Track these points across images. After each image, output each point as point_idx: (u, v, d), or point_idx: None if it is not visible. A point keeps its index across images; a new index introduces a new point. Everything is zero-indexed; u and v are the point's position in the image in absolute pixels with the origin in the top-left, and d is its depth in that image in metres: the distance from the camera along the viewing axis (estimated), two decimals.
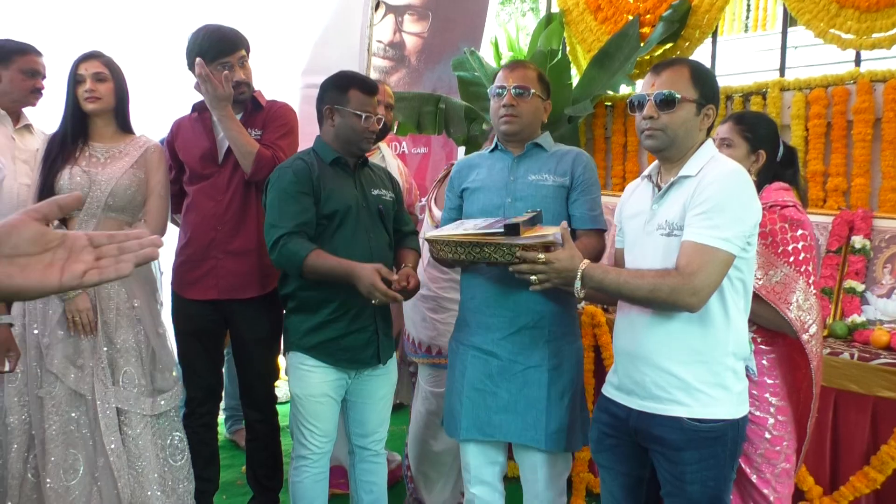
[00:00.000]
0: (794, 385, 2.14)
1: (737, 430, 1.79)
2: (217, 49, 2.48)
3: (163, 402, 2.45)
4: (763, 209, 2.04)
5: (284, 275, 2.38)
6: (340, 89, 2.34)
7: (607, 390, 1.96)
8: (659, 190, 1.86)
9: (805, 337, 2.01)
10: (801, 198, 2.22)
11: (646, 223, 1.86)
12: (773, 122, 2.30)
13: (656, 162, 1.93)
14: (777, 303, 2.00)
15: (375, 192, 2.42)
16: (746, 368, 2.02)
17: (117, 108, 2.46)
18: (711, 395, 1.76)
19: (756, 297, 1.97)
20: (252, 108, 2.64)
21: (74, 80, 2.39)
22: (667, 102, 1.78)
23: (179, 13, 3.51)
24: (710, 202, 1.70)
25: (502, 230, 1.84)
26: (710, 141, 1.87)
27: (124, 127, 2.50)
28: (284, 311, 2.43)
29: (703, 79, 1.82)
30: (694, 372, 1.76)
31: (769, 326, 2.06)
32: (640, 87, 1.89)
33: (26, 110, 2.63)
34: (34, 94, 2.61)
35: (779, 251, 2.04)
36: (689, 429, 1.74)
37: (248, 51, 2.58)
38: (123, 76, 2.47)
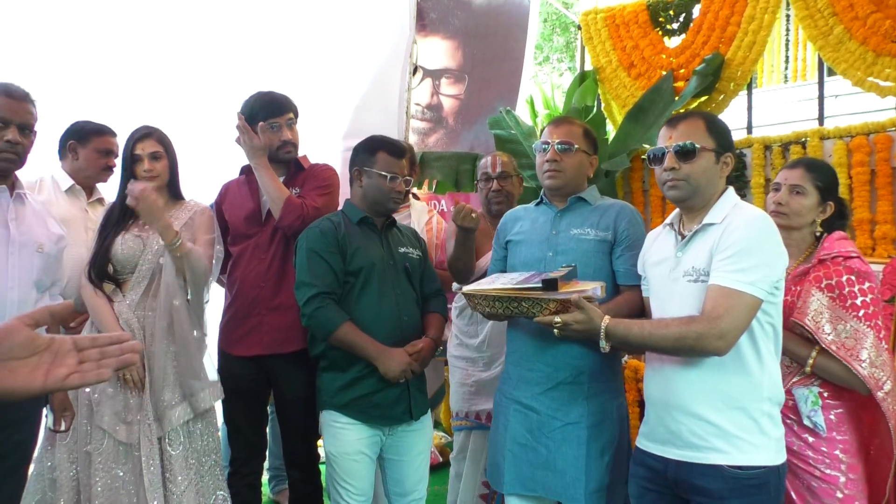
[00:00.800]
0: (861, 442, 2.05)
1: (778, 478, 1.74)
2: (267, 110, 2.61)
3: (201, 402, 2.45)
4: (826, 260, 2.01)
5: (314, 335, 2.42)
6: (369, 152, 2.42)
7: (641, 442, 1.92)
8: (682, 238, 1.86)
9: (880, 395, 1.92)
10: None
11: (671, 270, 1.86)
12: (836, 174, 2.25)
13: (677, 210, 1.94)
14: (848, 359, 1.92)
15: (402, 249, 2.47)
16: (815, 425, 1.96)
17: (170, 181, 2.59)
18: (751, 441, 1.71)
19: (825, 352, 1.93)
20: (295, 170, 2.74)
21: (132, 158, 2.52)
22: (686, 153, 1.81)
23: (230, 80, 3.69)
24: (736, 246, 1.70)
25: (540, 285, 1.85)
26: (731, 189, 1.88)
27: (176, 195, 2.63)
28: (318, 371, 2.47)
29: (717, 129, 1.85)
30: (731, 418, 1.72)
31: (839, 383, 1.98)
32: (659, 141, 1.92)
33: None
34: (106, 171, 2.80)
35: (847, 305, 1.97)
36: (731, 477, 1.69)
37: (296, 115, 2.71)
38: (174, 150, 2.62)
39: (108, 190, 2.85)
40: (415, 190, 3.35)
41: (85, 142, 2.72)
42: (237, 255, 2.69)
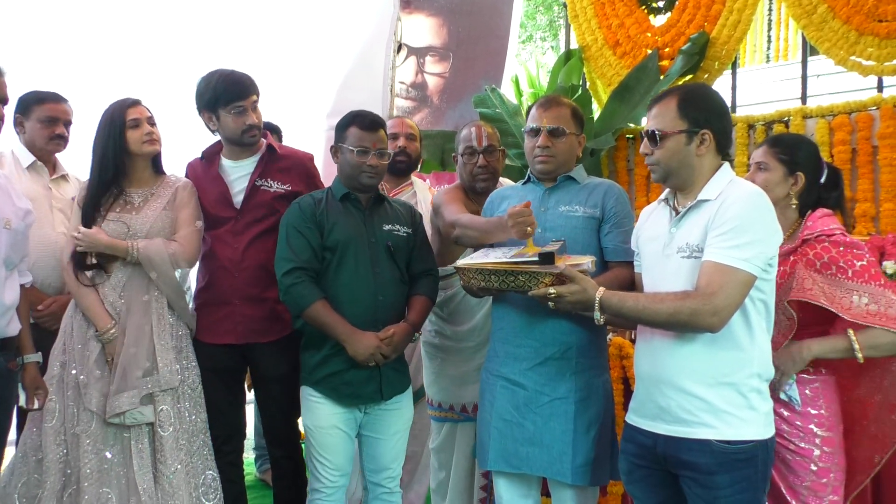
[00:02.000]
0: (841, 414, 2.07)
1: (766, 451, 1.77)
2: (231, 93, 2.51)
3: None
4: (810, 240, 2.02)
5: None
6: (342, 127, 2.42)
7: (631, 418, 1.94)
8: (676, 213, 1.88)
9: None
10: (843, 223, 2.15)
11: (664, 246, 1.87)
12: (814, 144, 2.23)
13: None
14: (889, 324, 1.92)
15: (387, 227, 2.44)
16: (790, 399, 2.00)
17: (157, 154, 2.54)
18: (739, 416, 1.74)
19: (857, 330, 1.94)
20: (268, 156, 2.64)
21: (124, 125, 2.42)
22: (652, 138, 1.84)
23: (212, 57, 3.63)
24: (731, 223, 1.71)
25: (537, 258, 1.86)
26: (726, 165, 1.88)
27: (158, 169, 2.57)
28: (300, 347, 2.50)
29: (693, 105, 1.83)
30: (720, 393, 1.75)
31: (892, 352, 1.98)
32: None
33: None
34: (55, 141, 2.68)
35: (850, 274, 1.97)
36: (719, 451, 1.72)
37: (258, 96, 2.60)
38: None
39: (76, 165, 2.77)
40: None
41: (28, 113, 2.63)
42: (210, 241, 2.62)
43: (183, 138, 3.15)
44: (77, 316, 2.44)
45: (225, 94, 2.50)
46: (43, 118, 2.65)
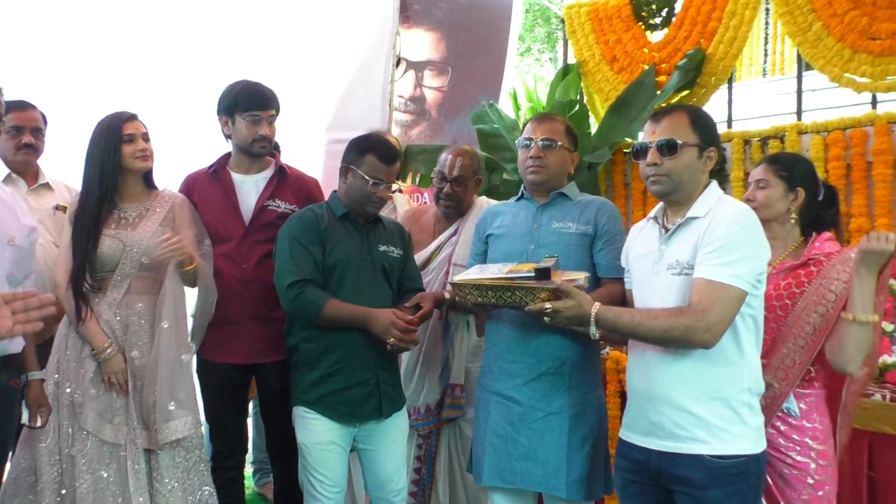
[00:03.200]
0: (832, 427, 2.11)
1: (758, 465, 1.79)
2: (251, 101, 2.57)
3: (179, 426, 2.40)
4: (813, 261, 2.06)
5: (289, 327, 2.42)
6: (359, 151, 2.41)
7: (624, 434, 1.96)
8: (666, 231, 1.90)
9: None
10: (838, 238, 2.22)
11: (654, 263, 1.90)
12: (810, 162, 2.29)
13: (661, 203, 1.98)
14: None
15: (382, 248, 2.47)
16: (788, 411, 2.02)
17: (149, 169, 2.54)
18: (731, 430, 1.76)
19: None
20: (278, 177, 2.68)
21: (119, 140, 2.41)
22: (669, 148, 1.84)
23: (212, 71, 3.65)
24: (721, 240, 1.74)
25: (533, 274, 1.88)
26: (714, 183, 1.92)
27: (150, 184, 2.56)
28: (291, 366, 2.47)
29: (702, 123, 1.88)
30: (711, 409, 1.77)
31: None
32: (642, 135, 1.95)
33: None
34: (24, 151, 2.65)
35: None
36: (712, 466, 1.74)
37: (278, 112, 2.65)
38: None
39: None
40: (399, 184, 3.33)
41: None
42: (214, 258, 2.61)
43: (176, 152, 3.17)
44: (71, 334, 2.42)
45: (244, 101, 2.56)
46: (8, 128, 2.60)
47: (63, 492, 2.36)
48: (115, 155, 2.41)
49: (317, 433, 2.36)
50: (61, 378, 2.40)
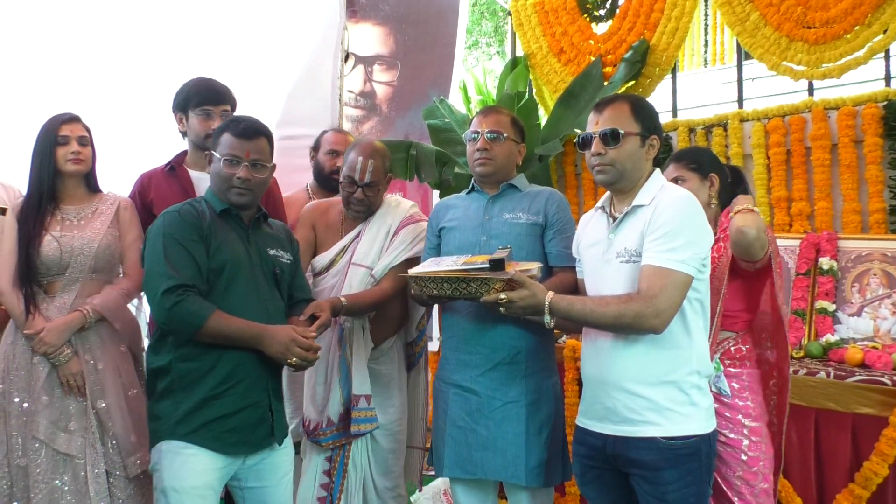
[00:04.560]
0: (765, 405, 2.22)
1: (709, 445, 1.85)
2: (202, 96, 2.53)
3: (137, 462, 2.37)
4: (719, 241, 2.16)
5: (156, 344, 2.03)
6: (218, 132, 2.14)
7: (581, 420, 2.00)
8: (614, 220, 1.94)
9: None
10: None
11: (604, 252, 1.94)
12: (711, 151, 2.50)
13: (608, 193, 2.02)
14: None
15: (272, 252, 2.17)
16: (719, 390, 2.09)
17: (89, 172, 2.48)
18: (682, 412, 1.81)
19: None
20: None
21: (55, 142, 2.36)
22: (612, 137, 1.88)
23: (157, 68, 3.56)
24: (665, 227, 1.79)
25: (488, 265, 1.89)
26: (657, 171, 1.97)
27: (91, 187, 2.50)
28: (150, 397, 2.05)
29: (643, 112, 1.92)
30: (662, 392, 1.81)
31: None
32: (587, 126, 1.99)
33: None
34: None
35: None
36: (665, 448, 1.79)
37: (233, 109, 2.61)
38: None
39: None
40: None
41: None
42: None
43: (125, 152, 3.09)
44: (18, 342, 2.34)
45: (196, 96, 2.53)
46: None
47: (14, 503, 2.29)
48: (51, 157, 2.36)
49: (194, 474, 1.92)
50: (7, 388, 2.32)
